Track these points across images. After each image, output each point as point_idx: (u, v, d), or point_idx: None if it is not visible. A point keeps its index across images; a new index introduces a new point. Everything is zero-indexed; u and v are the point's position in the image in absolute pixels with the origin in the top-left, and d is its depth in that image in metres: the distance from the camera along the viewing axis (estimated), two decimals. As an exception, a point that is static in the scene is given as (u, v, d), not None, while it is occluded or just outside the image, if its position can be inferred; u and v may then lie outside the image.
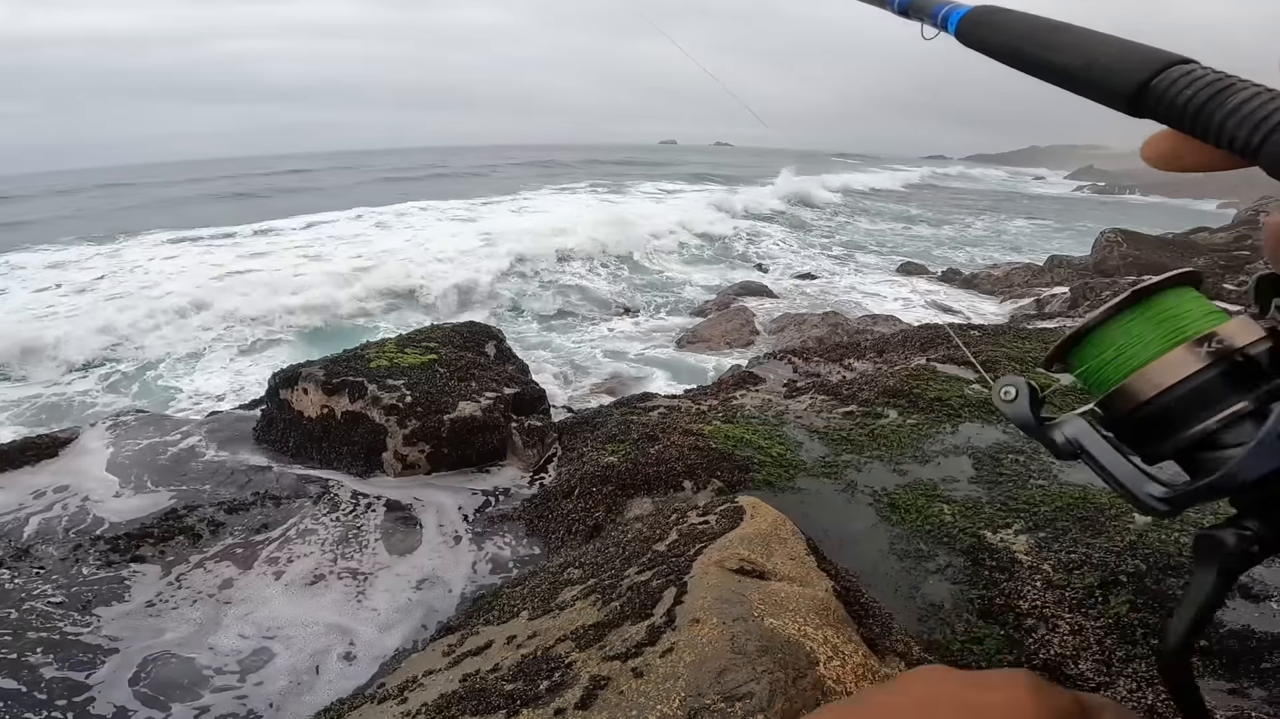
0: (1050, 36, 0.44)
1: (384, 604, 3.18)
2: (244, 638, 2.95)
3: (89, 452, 4.37)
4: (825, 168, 56.91)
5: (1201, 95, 0.36)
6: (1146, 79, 0.38)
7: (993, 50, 0.48)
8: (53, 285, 15.45)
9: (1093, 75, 0.40)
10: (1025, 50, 0.45)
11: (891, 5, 0.63)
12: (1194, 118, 0.36)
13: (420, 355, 4.67)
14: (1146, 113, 0.38)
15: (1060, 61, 0.42)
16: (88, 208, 32.33)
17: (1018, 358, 5.31)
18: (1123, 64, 0.39)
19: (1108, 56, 0.40)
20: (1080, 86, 0.41)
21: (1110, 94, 0.39)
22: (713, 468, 3.68)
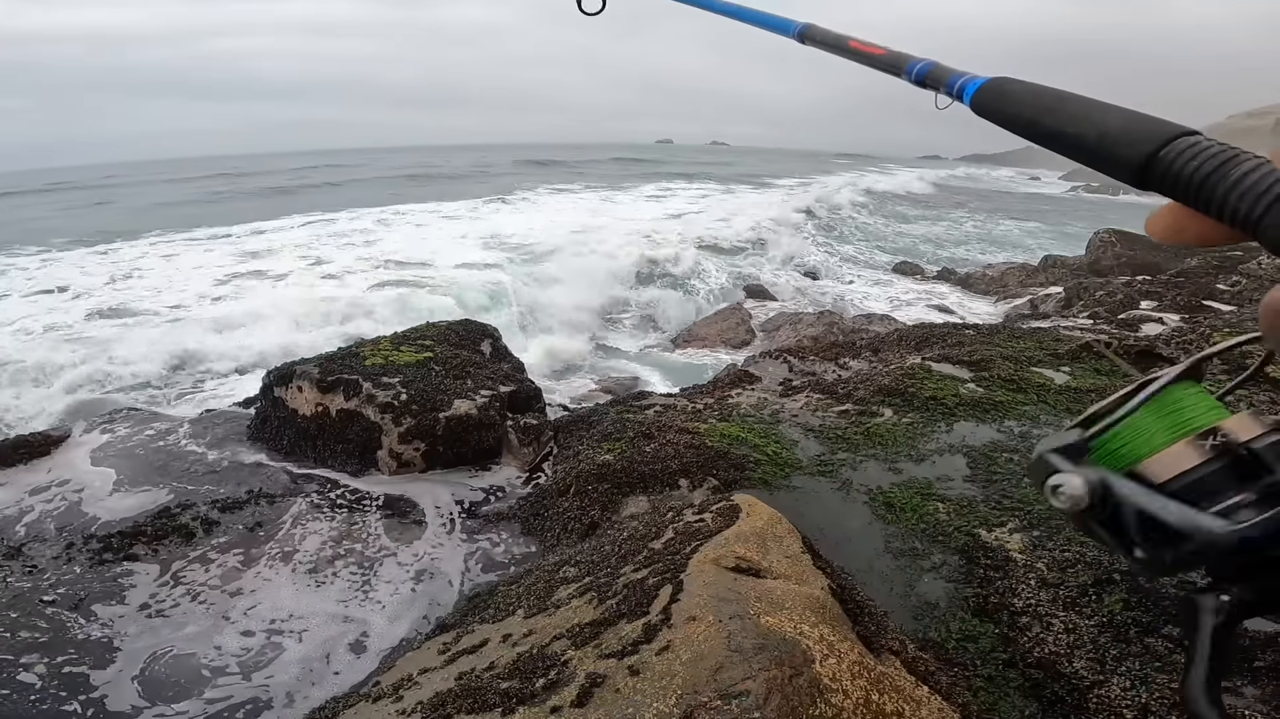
0: (1061, 108, 0.45)
1: (381, 602, 3.17)
2: (244, 635, 2.95)
3: (81, 450, 4.35)
4: (827, 168, 57.02)
5: (1205, 168, 0.36)
6: (1153, 151, 0.39)
7: (1006, 121, 0.49)
8: (55, 289, 15.20)
9: (1103, 148, 0.41)
10: (1040, 122, 0.46)
11: (909, 75, 0.64)
12: (1197, 191, 0.37)
13: (415, 353, 4.66)
14: (1153, 185, 0.39)
15: (1072, 133, 0.43)
16: (89, 206, 31.95)
17: (1012, 357, 5.32)
18: (1130, 136, 0.40)
19: (1117, 129, 0.41)
20: (1091, 159, 0.42)
21: (1119, 167, 0.40)
22: (708, 466, 3.69)
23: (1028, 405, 4.51)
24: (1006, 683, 2.28)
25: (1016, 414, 4.37)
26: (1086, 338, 5.87)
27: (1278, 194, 0.34)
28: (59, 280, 15.92)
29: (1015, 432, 4.16)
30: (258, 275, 15.49)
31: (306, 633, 2.98)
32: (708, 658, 1.72)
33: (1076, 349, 5.55)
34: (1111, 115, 0.42)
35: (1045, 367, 5.20)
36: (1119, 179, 0.41)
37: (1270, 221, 0.34)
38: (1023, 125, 0.47)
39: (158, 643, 2.90)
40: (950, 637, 2.50)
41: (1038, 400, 4.59)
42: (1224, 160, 0.36)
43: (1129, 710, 2.05)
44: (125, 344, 11.48)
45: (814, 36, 0.82)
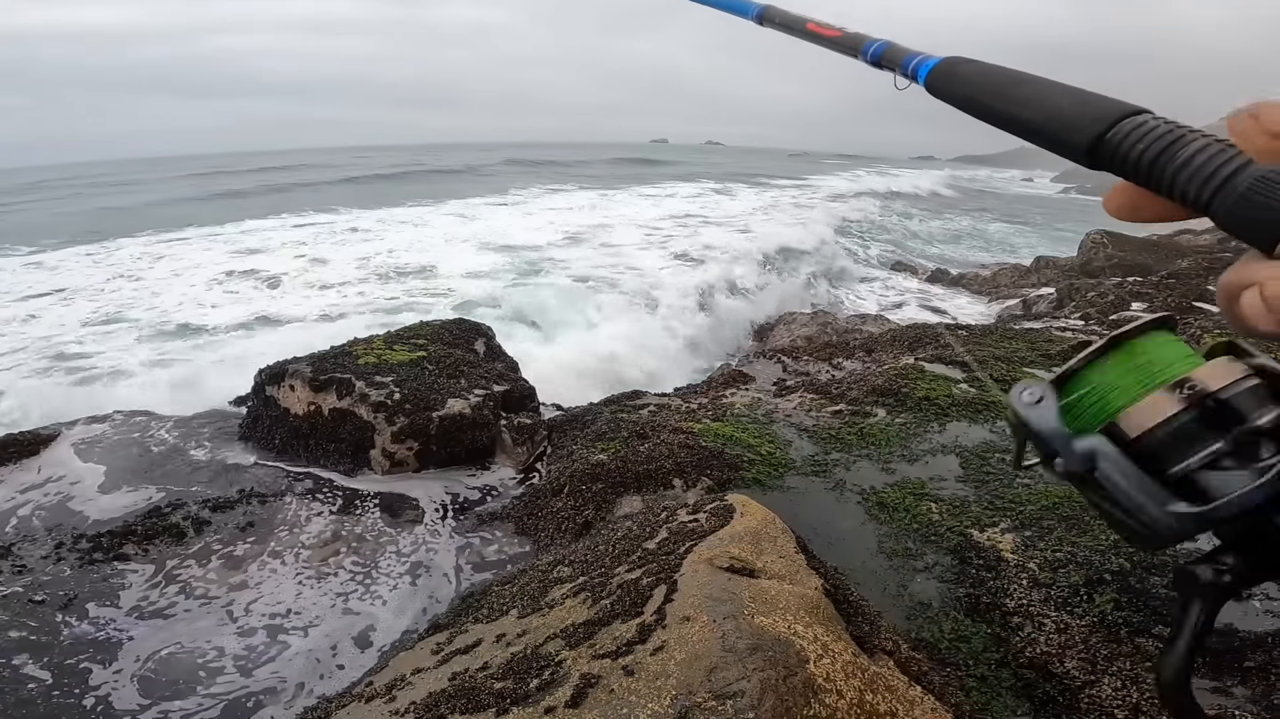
0: (1012, 90, 0.44)
1: (374, 600, 3.16)
2: (237, 634, 2.93)
3: (71, 449, 4.32)
4: (822, 169, 56.94)
5: (1153, 149, 0.36)
6: (1101, 132, 0.39)
7: (959, 102, 0.48)
8: (49, 290, 14.94)
9: (1052, 129, 0.41)
10: (990, 104, 0.46)
11: (865, 56, 0.63)
12: (1147, 172, 0.37)
13: (409, 352, 4.65)
14: (1103, 165, 0.39)
15: (1023, 116, 0.43)
16: (84, 203, 31.52)
17: (1005, 358, 5.34)
18: (1079, 119, 0.40)
19: (1066, 110, 0.41)
20: (1042, 140, 0.42)
21: (1069, 147, 0.40)
22: (702, 466, 3.69)
23: (1020, 406, 4.52)
24: (999, 683, 2.29)
25: (1008, 414, 4.39)
26: (1079, 339, 5.90)
27: (1225, 176, 0.34)
28: (51, 280, 15.74)
29: (1007, 432, 4.18)
30: (253, 275, 15.28)
31: (299, 631, 2.97)
32: (702, 658, 1.72)
33: (1068, 350, 5.58)
34: (1061, 96, 0.42)
35: (1037, 367, 5.22)
36: (1071, 160, 0.41)
37: (1221, 204, 0.34)
38: (976, 107, 0.47)
39: (149, 643, 2.88)
40: (943, 637, 2.51)
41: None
42: (1171, 141, 0.36)
43: (1120, 710, 2.06)
44: (115, 343, 11.41)
45: (772, 19, 0.81)
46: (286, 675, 2.72)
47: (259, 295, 13.87)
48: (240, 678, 2.70)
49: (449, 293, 13.18)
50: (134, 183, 39.37)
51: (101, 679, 2.68)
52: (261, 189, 33.01)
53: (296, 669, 2.76)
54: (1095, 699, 2.11)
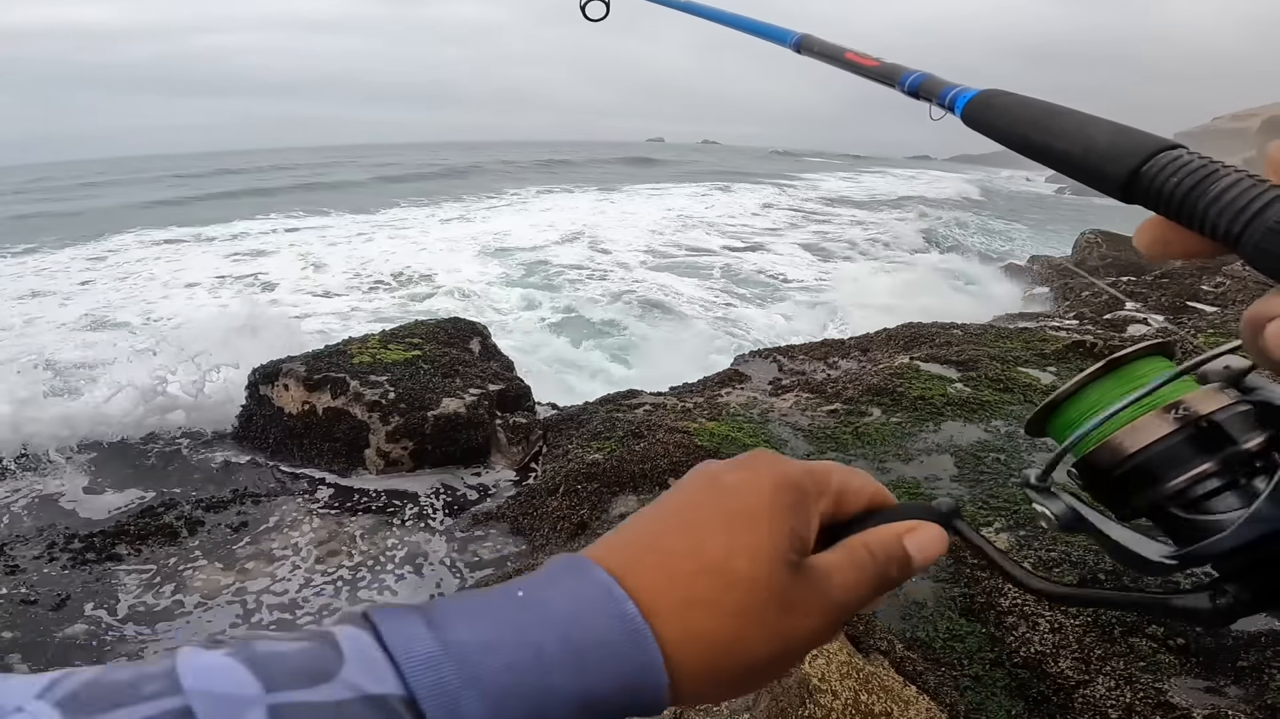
0: (1049, 121, 0.45)
1: (369, 601, 3.15)
2: (232, 631, 2.92)
3: (62, 449, 4.30)
4: (818, 168, 56.92)
5: (1186, 183, 0.37)
6: (1136, 166, 0.39)
7: (997, 134, 0.50)
8: (36, 291, 14.73)
9: (1089, 162, 0.42)
10: (1027, 135, 0.46)
11: (902, 86, 0.65)
12: (1179, 205, 0.37)
13: (404, 351, 4.63)
14: (1138, 199, 0.39)
15: (1060, 148, 0.44)
16: (73, 203, 31.06)
17: (999, 357, 5.35)
18: (1115, 150, 0.40)
19: (1103, 144, 0.41)
20: (1077, 172, 0.43)
21: (1105, 182, 0.41)
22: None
23: (1015, 405, 4.53)
24: (993, 683, 2.30)
25: (1003, 414, 4.40)
26: (1073, 338, 5.91)
27: (1256, 210, 0.34)
28: (41, 281, 15.60)
29: (1002, 431, 4.19)
30: (251, 280, 15.08)
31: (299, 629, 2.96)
32: (696, 658, 1.72)
33: (1063, 349, 5.59)
34: (1098, 129, 0.42)
35: (1032, 366, 5.23)
36: (1105, 193, 0.41)
37: (1250, 238, 0.34)
38: (1013, 138, 0.48)
39: (141, 644, 2.87)
40: (938, 636, 2.51)
41: (1024, 400, 4.62)
42: (1205, 175, 0.36)
43: (1114, 710, 2.06)
44: (106, 343, 11.38)
45: (810, 47, 0.83)
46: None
47: (257, 298, 13.78)
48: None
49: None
50: (125, 181, 38.85)
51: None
52: (252, 190, 32.23)
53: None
54: (1089, 699, 2.11)
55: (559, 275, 15.01)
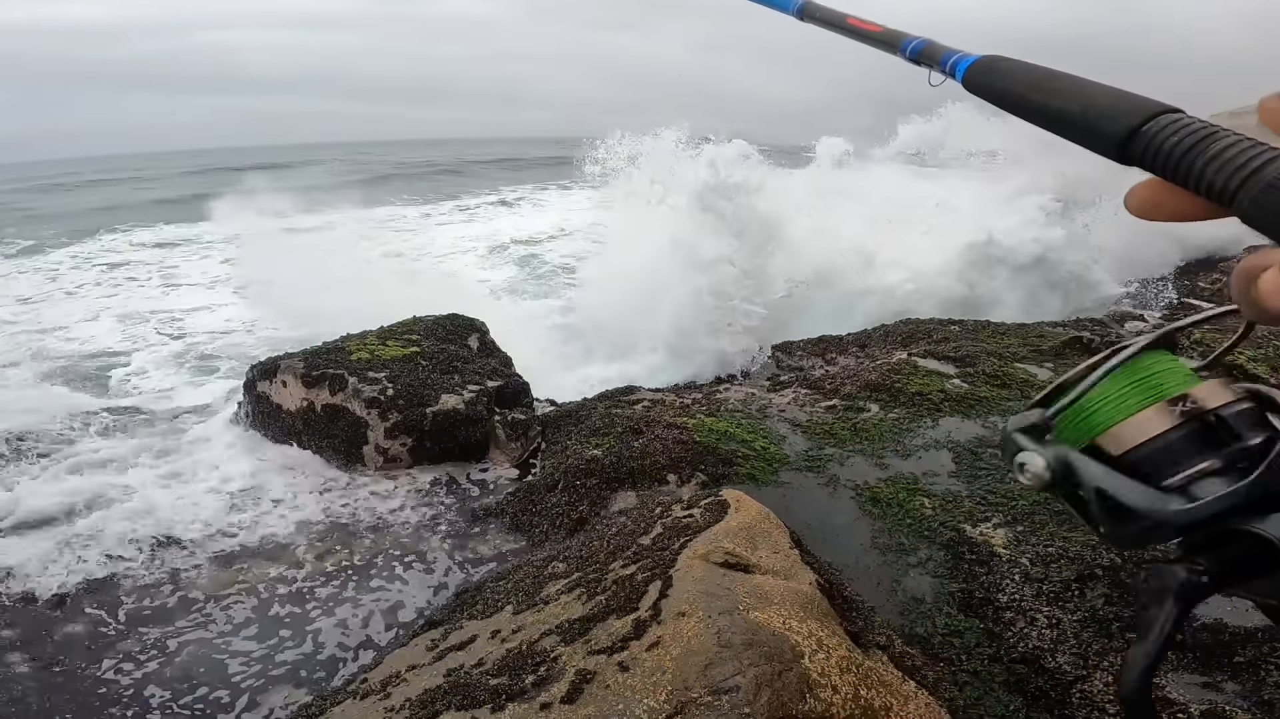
0: (1049, 83, 0.46)
1: (365, 600, 3.15)
2: (231, 633, 2.92)
3: (71, 447, 4.29)
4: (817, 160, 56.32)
5: (1186, 143, 0.37)
6: (1136, 125, 0.39)
7: (996, 97, 0.50)
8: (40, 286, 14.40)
9: (1087, 121, 0.42)
10: (1027, 97, 0.47)
11: (904, 52, 0.65)
12: (1177, 165, 0.37)
13: (402, 348, 4.63)
14: (1134, 160, 0.40)
15: (1057, 106, 0.44)
16: (76, 200, 30.52)
17: (996, 353, 5.36)
18: (1114, 110, 0.41)
19: (1101, 103, 0.42)
20: (1075, 133, 0.43)
21: (1102, 140, 0.41)
22: (696, 461, 3.69)
23: (1012, 401, 4.54)
24: (992, 678, 2.31)
25: (1001, 410, 4.41)
26: (1070, 334, 5.92)
27: (1254, 168, 0.34)
28: (45, 276, 15.48)
29: (999, 427, 4.20)
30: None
31: (293, 629, 2.96)
32: (698, 654, 1.73)
33: (1060, 345, 5.61)
34: (1097, 91, 0.43)
35: (1029, 362, 5.25)
36: (1102, 153, 0.41)
37: (1246, 194, 0.34)
38: (1011, 101, 0.48)
39: (139, 640, 2.87)
40: (936, 632, 2.53)
41: (1022, 396, 4.63)
42: (1204, 136, 0.37)
43: (1111, 705, 2.07)
44: (109, 341, 11.34)
45: (812, 14, 0.82)
46: (280, 672, 2.72)
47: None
48: (234, 674, 2.69)
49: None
50: (130, 179, 38.29)
51: (90, 675, 2.66)
52: (260, 190, 31.02)
53: (290, 666, 2.75)
54: (1087, 694, 2.12)
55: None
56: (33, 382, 7.17)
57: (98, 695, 2.57)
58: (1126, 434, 0.43)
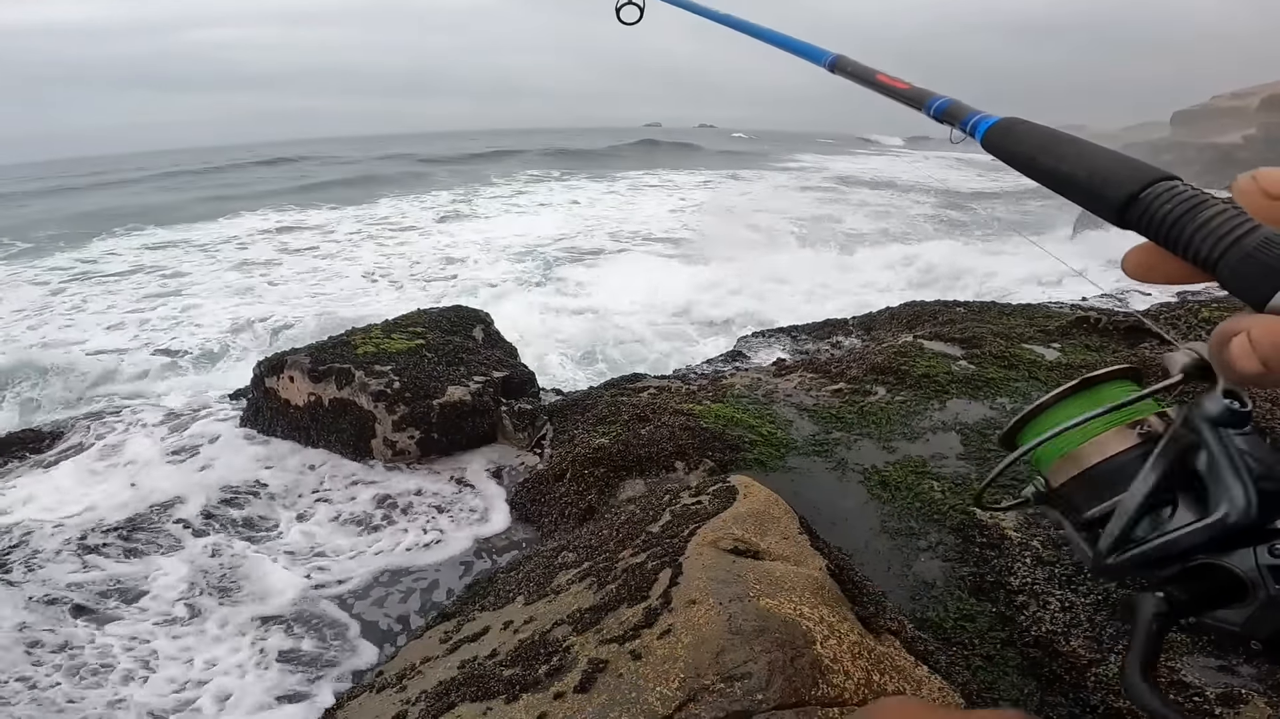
0: (1058, 148, 0.49)
1: (382, 590, 3.17)
2: (247, 625, 2.94)
3: (79, 446, 4.32)
4: (825, 149, 56.23)
5: (1177, 210, 0.39)
6: (1135, 192, 0.42)
7: (1010, 158, 0.53)
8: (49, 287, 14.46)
9: (1091, 186, 0.44)
10: (1037, 159, 0.50)
11: (928, 110, 0.69)
12: (1169, 232, 0.40)
13: (407, 340, 4.63)
14: (1131, 224, 0.42)
15: (1065, 171, 0.47)
16: (76, 202, 30.42)
17: (1003, 334, 5.33)
18: (1115, 177, 0.43)
19: (1104, 170, 0.44)
20: (1080, 196, 0.46)
21: (1104, 205, 0.43)
22: (704, 448, 3.69)
23: (1019, 382, 4.52)
24: (1005, 662, 2.31)
25: (1009, 391, 4.39)
26: (1077, 314, 5.88)
27: (1235, 237, 0.37)
28: (54, 278, 15.49)
29: (1007, 408, 4.18)
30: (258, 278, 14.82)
31: (307, 623, 2.98)
32: (709, 641, 1.73)
33: (1067, 325, 5.57)
34: (1101, 157, 0.45)
35: (1036, 343, 5.22)
36: (1104, 217, 0.44)
37: (1227, 263, 0.37)
38: (1024, 162, 0.51)
39: (152, 637, 2.89)
40: (948, 616, 2.52)
41: (1029, 377, 4.61)
42: (1194, 205, 0.39)
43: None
44: (119, 342, 11.40)
45: (844, 68, 0.87)
46: (294, 665, 2.73)
47: (267, 293, 13.67)
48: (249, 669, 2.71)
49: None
50: (131, 180, 38.14)
51: (107, 670, 2.69)
52: (264, 193, 30.27)
53: (305, 660, 2.77)
54: (1101, 678, 2.12)
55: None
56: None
57: (107, 690, 2.60)
58: (1092, 452, 0.46)
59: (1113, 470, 0.45)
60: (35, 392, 9.09)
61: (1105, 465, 0.46)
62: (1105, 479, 0.45)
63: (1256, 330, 0.35)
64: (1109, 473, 0.45)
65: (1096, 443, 0.46)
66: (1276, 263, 0.35)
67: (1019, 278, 11.45)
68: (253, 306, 12.77)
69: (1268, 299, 0.35)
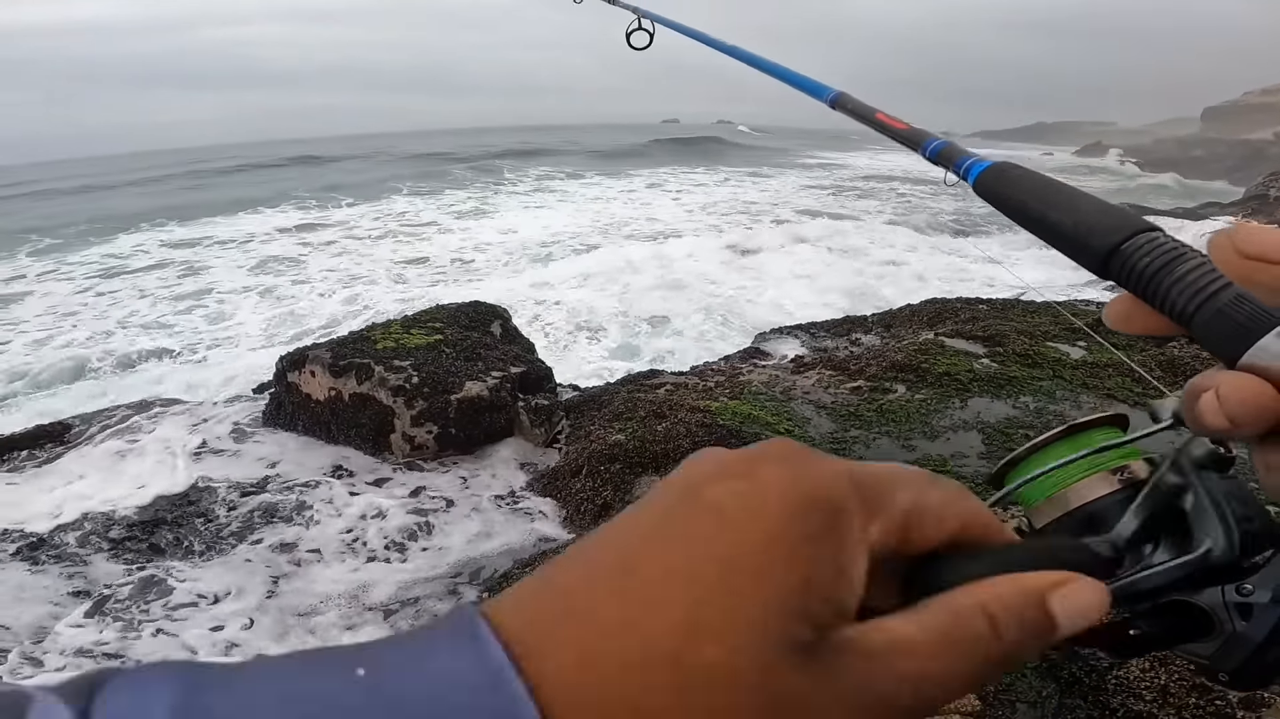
0: (1046, 195, 0.49)
1: (393, 588, 3.20)
2: (271, 621, 2.98)
3: (100, 439, 4.39)
4: (846, 146, 55.93)
5: (1156, 264, 0.40)
6: (1116, 244, 0.42)
7: (1000, 203, 0.54)
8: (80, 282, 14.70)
9: (1077, 236, 0.45)
10: (1027, 205, 0.50)
11: (924, 151, 0.70)
12: (1147, 284, 0.40)
13: (426, 336, 4.65)
14: (1113, 276, 0.43)
15: (1053, 219, 0.47)
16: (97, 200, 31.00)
17: (1027, 332, 5.26)
18: (1099, 228, 0.44)
19: (1089, 220, 0.45)
20: (1066, 247, 0.46)
21: (1087, 256, 0.44)
22: (720, 445, 3.67)
23: (1044, 381, 4.46)
24: (1024, 664, 2.27)
25: (1032, 390, 4.33)
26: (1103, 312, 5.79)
27: (1210, 293, 0.37)
28: (80, 275, 15.81)
29: (1031, 407, 4.13)
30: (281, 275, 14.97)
31: (325, 617, 3.01)
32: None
33: (1093, 323, 5.48)
34: (1088, 206, 0.46)
35: (1061, 341, 5.14)
36: (1088, 268, 0.45)
37: (1201, 318, 0.37)
38: (1013, 208, 0.52)
39: (176, 630, 2.93)
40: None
41: (1054, 375, 4.54)
42: (1172, 258, 0.39)
43: (1148, 692, 2.03)
44: (140, 332, 11.60)
45: (844, 105, 0.90)
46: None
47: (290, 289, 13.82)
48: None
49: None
50: (154, 179, 38.70)
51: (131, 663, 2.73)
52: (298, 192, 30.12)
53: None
54: (1123, 680, 2.08)
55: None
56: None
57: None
58: (1073, 496, 0.48)
59: (1094, 514, 0.47)
60: (61, 385, 9.28)
61: (1087, 509, 0.47)
62: (1087, 522, 0.47)
63: (1224, 388, 0.36)
64: (1089, 516, 0.47)
65: (1078, 488, 0.48)
66: (1247, 321, 0.36)
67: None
68: (277, 302, 12.97)
69: (1239, 355, 0.36)
